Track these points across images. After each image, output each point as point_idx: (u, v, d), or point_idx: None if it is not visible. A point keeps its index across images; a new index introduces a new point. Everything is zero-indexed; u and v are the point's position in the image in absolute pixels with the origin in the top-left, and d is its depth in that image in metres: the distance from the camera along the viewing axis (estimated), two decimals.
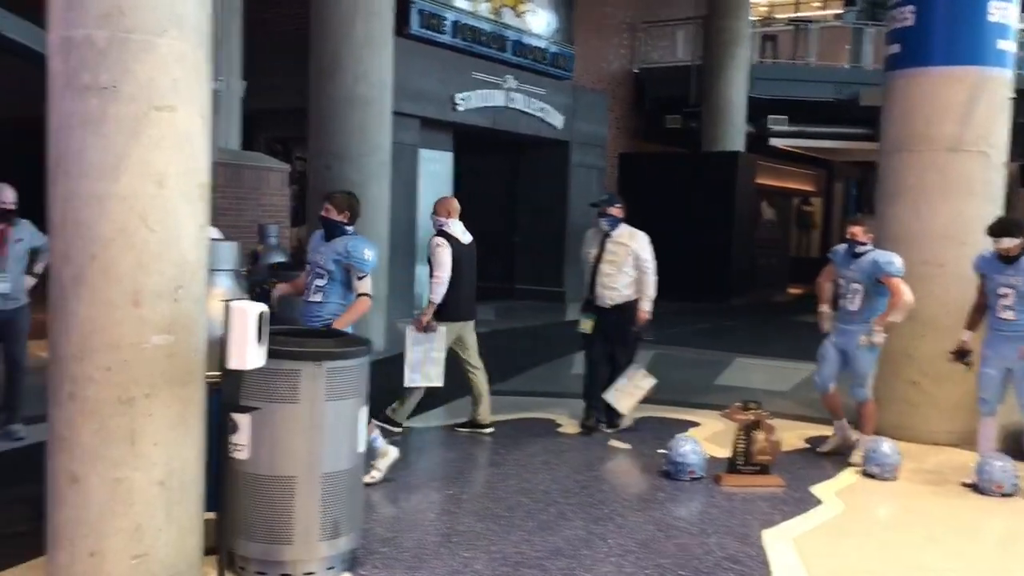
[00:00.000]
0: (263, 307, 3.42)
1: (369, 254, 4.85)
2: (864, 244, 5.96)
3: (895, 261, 5.85)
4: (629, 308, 6.59)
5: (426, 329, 6.08)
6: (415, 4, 13.10)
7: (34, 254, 5.99)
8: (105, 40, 3.31)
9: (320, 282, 4.90)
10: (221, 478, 3.76)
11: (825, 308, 6.21)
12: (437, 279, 6.12)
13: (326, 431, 3.75)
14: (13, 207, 5.92)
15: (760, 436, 5.46)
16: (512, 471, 5.59)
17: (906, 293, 5.76)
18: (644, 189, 17.78)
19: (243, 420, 3.71)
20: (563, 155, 16.42)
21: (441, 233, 6.23)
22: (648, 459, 5.96)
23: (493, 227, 16.89)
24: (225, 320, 3.40)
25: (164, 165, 3.41)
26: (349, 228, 4.97)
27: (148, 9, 3.35)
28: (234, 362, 3.39)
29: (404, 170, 12.78)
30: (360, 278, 4.82)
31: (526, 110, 15.13)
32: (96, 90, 3.32)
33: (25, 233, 5.98)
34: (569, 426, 6.81)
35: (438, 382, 6.17)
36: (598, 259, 6.61)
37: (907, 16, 6.53)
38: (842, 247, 6.16)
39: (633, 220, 6.79)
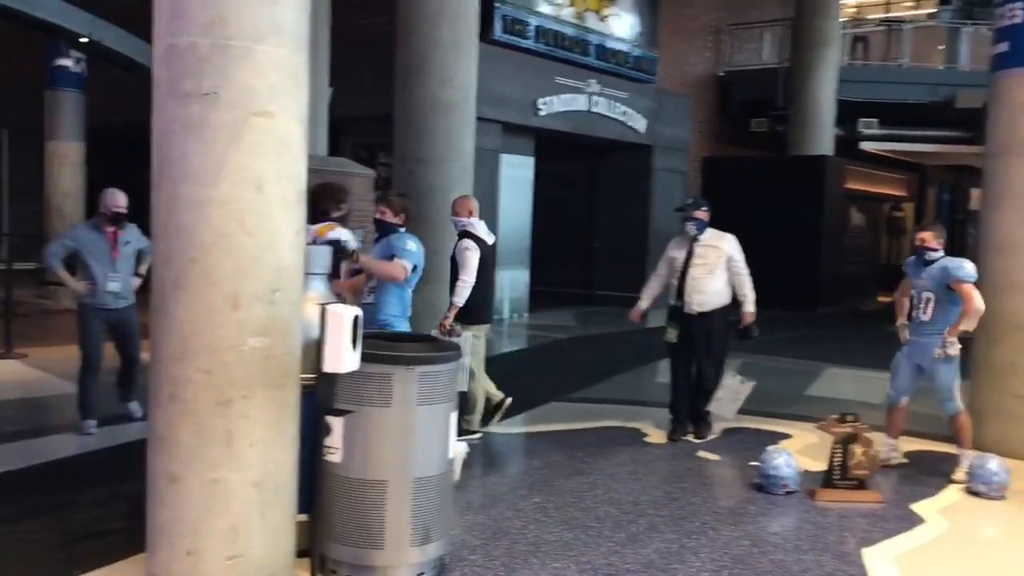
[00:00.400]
0: (358, 311, 3.42)
1: (412, 245, 4.88)
2: (935, 250, 5.74)
3: (965, 266, 5.61)
4: (716, 315, 6.46)
5: (449, 333, 5.95)
6: (499, 9, 13.15)
7: (140, 256, 6.29)
8: (207, 47, 3.36)
9: (372, 283, 4.93)
10: (314, 480, 3.78)
11: (902, 321, 6.03)
12: (463, 282, 5.99)
13: (418, 435, 3.73)
14: (124, 211, 6.22)
15: (858, 450, 5.27)
16: (599, 480, 5.51)
17: (977, 299, 5.51)
18: (728, 194, 17.35)
19: (336, 423, 3.72)
20: (645, 159, 16.27)
21: (468, 235, 6.11)
22: (739, 471, 5.82)
23: (574, 232, 16.88)
24: (320, 324, 3.41)
25: (262, 170, 3.44)
26: (402, 230, 5.00)
27: (249, 17, 3.38)
28: (329, 365, 3.40)
29: (485, 175, 12.80)
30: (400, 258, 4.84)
31: (608, 114, 15.04)
32: (197, 96, 3.37)
33: (132, 236, 6.31)
34: (655, 436, 6.69)
35: (462, 387, 5.98)
36: (686, 264, 6.47)
37: (1016, 13, 6.24)
38: (913, 257, 5.96)
39: (717, 225, 6.65)
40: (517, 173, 13.99)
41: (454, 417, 3.92)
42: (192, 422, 3.43)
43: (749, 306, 6.46)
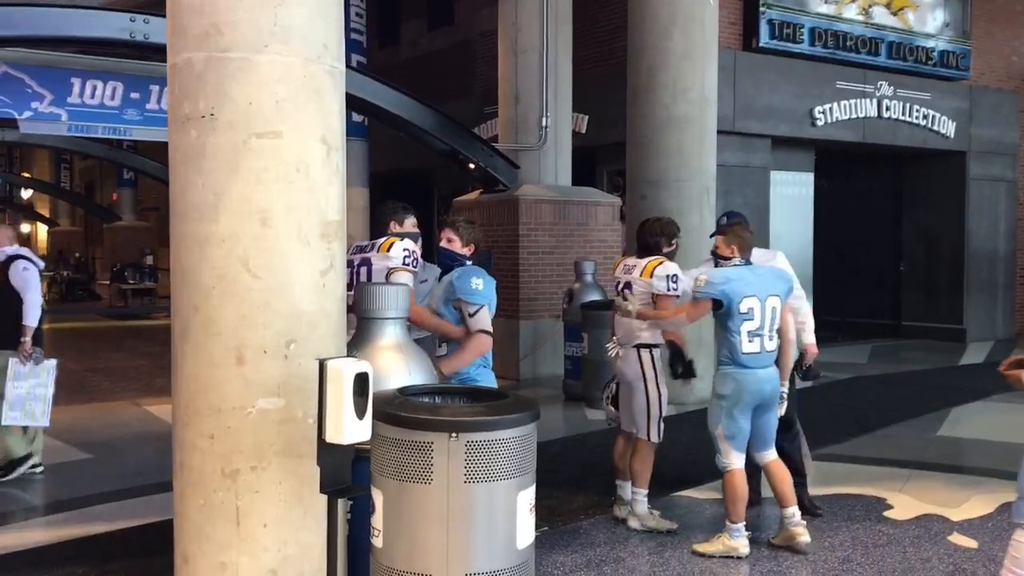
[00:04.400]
0: (364, 366, 2.77)
1: (479, 282, 4.07)
2: (727, 259, 4.58)
3: (698, 277, 4.51)
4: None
5: (31, 357, 5.82)
6: (765, 14, 11.95)
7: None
8: (203, 62, 2.93)
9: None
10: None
11: None
12: (33, 302, 5.83)
13: (468, 520, 2.98)
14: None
15: None
16: (794, 570, 4.36)
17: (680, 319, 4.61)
18: None
19: (378, 500, 3.09)
20: (958, 168, 14.05)
21: (19, 257, 5.98)
22: (997, 565, 4.35)
23: (873, 255, 14.94)
24: (320, 383, 2.81)
25: (268, 201, 2.94)
26: (469, 262, 4.26)
27: (246, 23, 2.91)
28: (330, 435, 2.78)
29: (752, 195, 11.66)
30: (472, 314, 4.05)
31: (906, 119, 13.13)
32: (195, 120, 2.94)
33: (430, 275, 6.43)
34: (902, 509, 5.32)
35: (44, 421, 5.92)
36: None
37: None
38: None
39: None
40: (792, 191, 12.61)
41: (526, 496, 3.12)
42: (199, 495, 2.99)
43: (811, 336, 5.17)
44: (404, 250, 4.24)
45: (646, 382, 4.88)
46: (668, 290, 4.83)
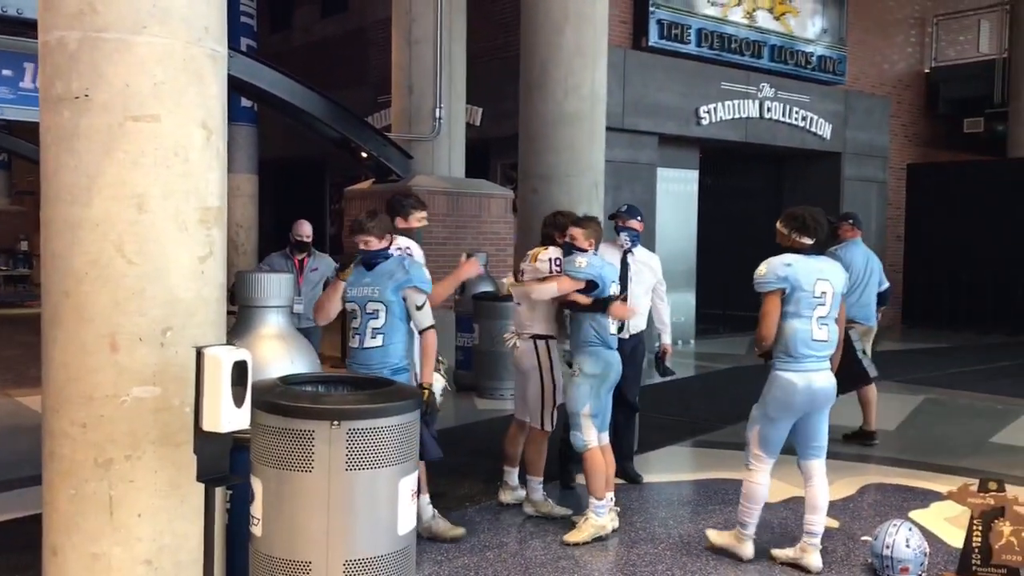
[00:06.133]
0: (243, 354, 2.76)
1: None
2: (583, 251, 4.82)
3: (576, 260, 4.71)
4: (642, 338, 5.78)
5: None
6: (654, 14, 12.23)
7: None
8: (76, 42, 2.85)
9: (378, 322, 4.19)
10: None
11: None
12: None
13: (349, 507, 3.01)
14: (306, 239, 6.88)
15: (1005, 528, 3.99)
16: (670, 551, 4.53)
17: (547, 286, 4.71)
18: (937, 204, 15.50)
19: (257, 489, 3.08)
20: (833, 169, 14.71)
21: None
22: (854, 546, 4.63)
23: (754, 250, 15.41)
24: (197, 371, 2.78)
25: (145, 186, 2.88)
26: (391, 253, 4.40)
27: (123, 4, 2.85)
28: (207, 423, 2.76)
29: (640, 191, 11.92)
30: (420, 307, 4.18)
31: (785, 120, 13.66)
32: (68, 100, 2.86)
33: (321, 263, 6.75)
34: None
35: None
36: (623, 280, 5.56)
37: None
38: None
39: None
40: (678, 188, 12.97)
41: (408, 482, 3.16)
42: (70, 485, 2.91)
43: (669, 337, 5.82)
44: (397, 249, 4.51)
45: (542, 372, 4.97)
46: (551, 271, 4.99)
